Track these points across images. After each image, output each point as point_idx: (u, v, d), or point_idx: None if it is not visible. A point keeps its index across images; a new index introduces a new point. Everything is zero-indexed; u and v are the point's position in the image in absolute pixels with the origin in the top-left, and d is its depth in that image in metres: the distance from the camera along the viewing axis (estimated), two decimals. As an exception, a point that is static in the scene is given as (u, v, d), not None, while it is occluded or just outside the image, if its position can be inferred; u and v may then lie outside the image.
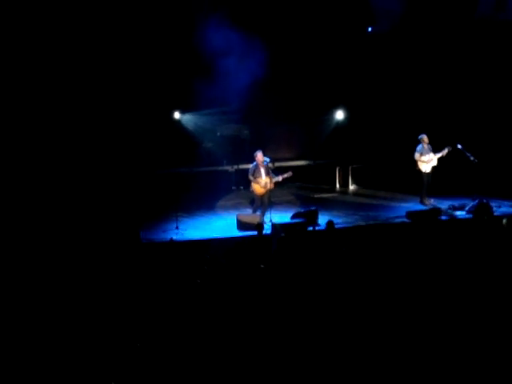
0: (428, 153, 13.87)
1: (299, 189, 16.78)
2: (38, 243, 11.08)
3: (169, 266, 8.87)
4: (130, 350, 6.39)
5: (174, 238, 11.72)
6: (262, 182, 12.74)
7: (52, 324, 7.15)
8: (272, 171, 12.93)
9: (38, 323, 7.18)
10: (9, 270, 9.40)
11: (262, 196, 12.88)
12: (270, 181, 12.73)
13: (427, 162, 13.85)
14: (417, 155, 13.94)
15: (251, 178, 12.81)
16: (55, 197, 13.70)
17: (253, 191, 13.02)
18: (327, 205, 14.71)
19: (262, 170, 12.77)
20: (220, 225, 13.11)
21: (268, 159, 12.96)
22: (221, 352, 6.24)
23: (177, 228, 12.61)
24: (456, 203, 13.50)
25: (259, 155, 12.74)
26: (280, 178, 12.86)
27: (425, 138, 13.92)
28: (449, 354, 6.08)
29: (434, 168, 13.91)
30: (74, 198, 13.88)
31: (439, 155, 13.82)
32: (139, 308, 7.36)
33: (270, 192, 12.93)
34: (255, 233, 11.02)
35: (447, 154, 13.75)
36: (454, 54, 16.11)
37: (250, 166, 13.02)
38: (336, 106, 17.37)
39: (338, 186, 17.34)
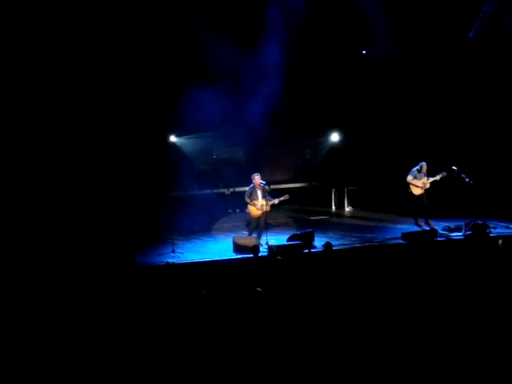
0: (422, 177, 13.89)
1: (295, 211, 16.81)
2: (32, 265, 11.05)
3: (165, 290, 8.84)
4: (125, 373, 6.35)
5: (171, 261, 11.69)
6: (259, 205, 12.78)
7: (45, 347, 7.11)
8: (268, 194, 12.97)
9: (31, 346, 7.14)
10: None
11: (258, 218, 12.92)
12: (267, 203, 12.78)
13: (419, 186, 13.86)
14: (409, 178, 13.96)
15: (248, 200, 12.86)
16: (51, 218, 13.65)
17: (249, 213, 13.06)
18: (323, 227, 14.74)
19: (259, 193, 12.83)
20: (216, 247, 13.10)
21: (264, 182, 13.02)
22: (216, 374, 6.21)
23: (173, 251, 12.59)
24: (452, 224, 13.52)
25: (257, 178, 12.81)
26: (276, 201, 12.90)
27: (424, 167, 13.89)
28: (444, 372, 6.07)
29: (426, 191, 13.93)
30: (70, 220, 13.84)
31: (433, 180, 13.85)
32: (134, 331, 7.33)
33: (266, 214, 12.95)
34: (251, 255, 11.01)
35: (441, 178, 13.77)
36: (448, 75, 16.21)
37: (247, 188, 13.07)
38: (331, 128, 17.44)
39: (333, 207, 17.38)
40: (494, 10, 15.18)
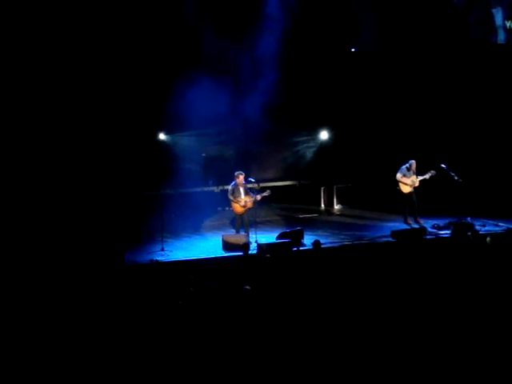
0: (411, 175, 13.93)
1: (284, 209, 16.81)
2: (19, 263, 10.98)
3: (154, 288, 8.81)
4: (111, 371, 6.33)
5: (160, 259, 11.66)
6: (242, 201, 12.86)
7: (32, 347, 7.07)
8: (256, 191, 13.05)
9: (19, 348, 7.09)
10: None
11: (241, 215, 12.99)
12: (249, 200, 12.84)
13: (408, 183, 13.90)
14: (398, 175, 14.00)
15: (231, 197, 12.96)
16: (38, 216, 13.56)
17: (233, 210, 13.13)
18: (313, 225, 14.75)
19: (241, 190, 12.94)
20: (205, 245, 13.08)
21: (253, 180, 13.11)
22: (204, 372, 6.19)
23: (162, 249, 12.56)
24: (440, 222, 13.56)
25: (241, 177, 12.90)
26: (259, 197, 12.96)
27: (413, 165, 13.95)
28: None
29: (415, 188, 13.97)
30: (58, 218, 13.75)
31: (422, 178, 13.90)
32: (123, 329, 7.30)
33: (249, 211, 13.01)
34: (241, 253, 11.00)
35: (430, 177, 13.81)
36: (436, 74, 16.26)
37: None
38: (320, 126, 17.44)
39: (323, 205, 17.39)
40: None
